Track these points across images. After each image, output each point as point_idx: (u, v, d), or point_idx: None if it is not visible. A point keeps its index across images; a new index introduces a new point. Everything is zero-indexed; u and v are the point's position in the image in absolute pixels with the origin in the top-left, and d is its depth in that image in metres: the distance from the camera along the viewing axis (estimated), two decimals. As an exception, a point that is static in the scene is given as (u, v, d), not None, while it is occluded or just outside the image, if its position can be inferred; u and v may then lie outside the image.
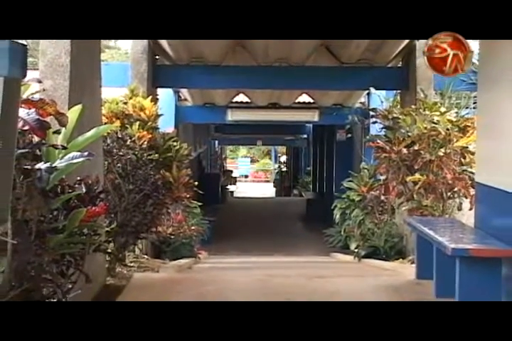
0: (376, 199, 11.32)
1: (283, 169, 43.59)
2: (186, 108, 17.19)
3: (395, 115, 9.69)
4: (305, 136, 30.50)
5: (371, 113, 10.62)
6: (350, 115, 13.26)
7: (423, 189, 9.15)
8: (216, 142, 37.12)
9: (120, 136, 8.25)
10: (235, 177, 44.88)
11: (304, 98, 17.05)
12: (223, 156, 47.33)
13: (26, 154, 3.80)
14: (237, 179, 45.42)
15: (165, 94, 14.17)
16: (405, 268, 8.93)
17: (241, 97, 16.99)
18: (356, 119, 12.91)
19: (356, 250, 11.39)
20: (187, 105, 17.58)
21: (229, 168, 48.42)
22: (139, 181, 8.09)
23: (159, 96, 12.29)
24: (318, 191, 24.33)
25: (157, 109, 9.56)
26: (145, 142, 8.55)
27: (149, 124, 9.05)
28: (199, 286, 7.13)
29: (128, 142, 8.29)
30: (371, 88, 11.62)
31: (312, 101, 17.14)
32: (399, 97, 12.21)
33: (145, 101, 9.36)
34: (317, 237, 16.34)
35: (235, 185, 41.16)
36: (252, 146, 52.65)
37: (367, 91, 14.40)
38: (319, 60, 12.81)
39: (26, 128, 3.61)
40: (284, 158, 47.73)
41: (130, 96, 9.64)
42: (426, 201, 9.13)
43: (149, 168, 8.32)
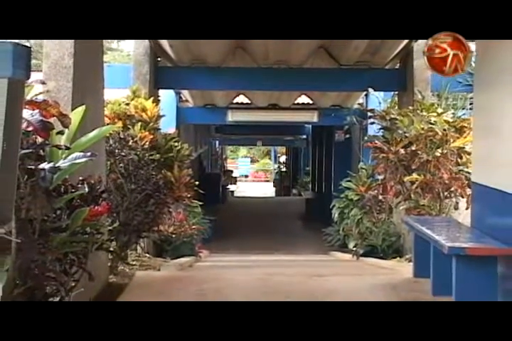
0: (374, 198, 11.32)
1: (282, 169, 43.57)
2: (187, 109, 17.19)
3: (393, 116, 9.70)
4: (304, 137, 30.47)
5: (369, 114, 10.64)
6: (348, 116, 13.30)
7: (420, 188, 9.15)
8: (217, 142, 37.11)
9: (122, 137, 8.25)
10: (236, 177, 44.84)
11: (303, 99, 17.04)
12: (224, 156, 47.29)
13: (30, 154, 3.80)
14: (237, 179, 45.39)
15: (166, 96, 14.14)
16: (403, 266, 8.93)
17: (241, 98, 16.98)
18: (354, 120, 12.94)
19: (354, 249, 11.39)
20: (188, 106, 17.58)
21: (229, 168, 48.40)
22: (141, 181, 8.09)
23: (161, 97, 12.28)
24: (317, 191, 24.30)
25: (159, 110, 9.56)
26: (147, 142, 8.55)
27: (151, 125, 9.04)
28: (200, 284, 7.13)
29: (130, 142, 8.29)
30: (370, 89, 11.62)
31: (311, 102, 17.14)
32: (396, 98, 12.21)
33: (147, 102, 9.36)
34: (316, 236, 16.32)
35: (236, 185, 41.13)
36: (252, 146, 52.60)
37: (365, 92, 14.40)
38: (318, 62, 12.80)
39: (30, 129, 3.62)
40: (284, 158, 47.71)
41: (132, 97, 9.64)
42: (423, 200, 9.14)
43: (151, 168, 8.33)
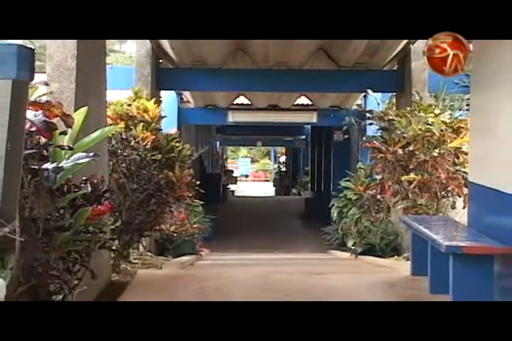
0: (372, 198, 11.32)
1: (282, 169, 43.56)
2: (188, 110, 17.19)
3: (391, 117, 9.70)
4: (303, 137, 30.47)
5: (367, 115, 10.64)
6: (347, 117, 13.28)
7: (418, 188, 9.15)
8: (217, 143, 37.12)
9: (124, 137, 8.25)
10: (236, 176, 44.82)
11: (303, 100, 17.03)
12: (224, 156, 47.28)
13: (34, 154, 3.80)
14: (237, 178, 45.36)
15: (168, 97, 14.14)
16: (400, 264, 8.93)
17: (241, 99, 16.97)
18: (353, 121, 12.92)
19: (353, 247, 11.38)
20: (189, 107, 17.58)
21: (230, 168, 48.37)
22: (143, 181, 8.09)
23: (162, 98, 12.27)
24: (316, 190, 24.29)
25: (160, 111, 9.55)
26: (149, 143, 8.54)
27: (153, 125, 9.04)
28: (201, 282, 7.14)
29: (132, 143, 8.29)
30: (369, 90, 11.61)
31: (310, 103, 17.12)
32: (394, 99, 12.20)
33: (149, 103, 9.36)
34: (315, 235, 16.32)
35: (236, 185, 41.11)
36: (252, 147, 52.57)
37: (363, 93, 14.38)
38: (317, 64, 12.79)
39: (34, 129, 3.62)
40: (284, 158, 47.69)
41: (134, 98, 9.63)
42: (421, 200, 9.14)
43: (153, 168, 8.33)
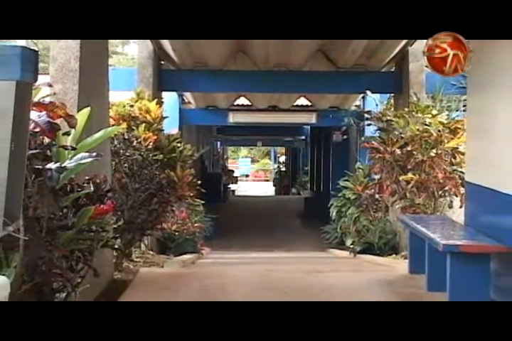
0: (371, 197, 11.32)
1: (282, 169, 43.55)
2: (190, 110, 17.19)
3: (389, 117, 9.70)
4: (303, 138, 30.47)
5: (366, 115, 10.64)
6: (346, 117, 13.28)
7: (415, 188, 9.15)
8: (218, 143, 37.11)
9: (127, 138, 8.25)
10: (236, 176, 44.81)
11: (302, 101, 17.02)
12: (225, 156, 47.28)
13: (37, 154, 3.81)
14: (238, 178, 45.36)
15: (169, 98, 14.14)
16: (398, 263, 8.92)
17: (242, 100, 16.96)
18: (352, 121, 12.92)
19: (352, 246, 11.37)
20: (190, 108, 17.58)
21: (230, 168, 48.34)
22: (145, 180, 8.09)
23: (164, 99, 12.28)
24: (315, 190, 24.28)
25: (162, 112, 9.56)
26: (150, 143, 8.55)
27: (154, 126, 9.05)
28: (202, 280, 7.14)
29: (134, 143, 8.29)
30: (367, 91, 11.60)
31: (310, 104, 17.11)
32: (392, 100, 12.20)
33: (150, 104, 9.37)
34: (314, 234, 16.31)
35: (236, 184, 41.11)
36: (253, 147, 52.58)
37: (362, 94, 14.38)
38: (316, 65, 12.79)
39: (37, 130, 3.62)
40: (283, 159, 47.68)
41: (136, 99, 9.65)
42: (418, 199, 9.14)
43: (154, 168, 8.33)
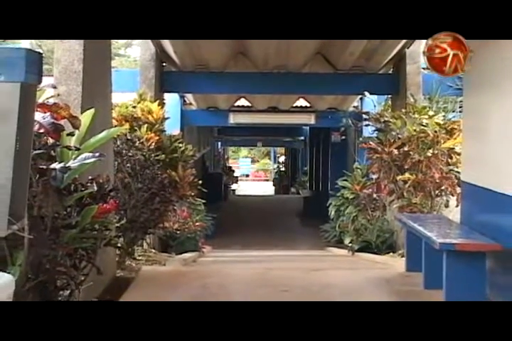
0: (369, 197, 11.33)
1: (282, 169, 43.56)
2: (191, 111, 17.18)
3: (387, 118, 9.70)
4: (302, 138, 30.46)
5: (364, 116, 10.62)
6: (344, 118, 13.25)
7: (412, 187, 9.15)
8: (219, 143, 37.10)
9: (129, 138, 8.26)
10: (237, 176, 44.80)
11: (301, 102, 17.01)
12: (226, 157, 47.27)
13: (42, 155, 3.81)
14: (238, 178, 45.35)
15: (171, 99, 14.14)
16: (396, 261, 8.93)
17: (242, 101, 16.96)
18: (350, 122, 12.90)
19: (350, 244, 11.38)
20: (192, 109, 17.57)
21: (231, 168, 48.30)
22: (147, 180, 8.10)
23: (166, 100, 12.27)
24: (314, 189, 24.28)
25: (164, 113, 9.56)
26: (152, 143, 8.55)
27: (156, 127, 9.04)
28: (203, 278, 7.14)
29: (137, 143, 8.30)
30: (365, 92, 11.60)
31: (309, 105, 17.11)
32: (390, 102, 12.20)
33: (153, 105, 9.36)
34: (313, 232, 16.31)
35: (237, 184, 41.09)
36: (253, 147, 52.55)
37: (360, 96, 14.38)
38: (315, 67, 12.78)
39: (42, 130, 3.63)
40: (283, 159, 47.69)
41: (139, 100, 9.64)
42: (415, 199, 9.14)
43: (156, 168, 8.33)
